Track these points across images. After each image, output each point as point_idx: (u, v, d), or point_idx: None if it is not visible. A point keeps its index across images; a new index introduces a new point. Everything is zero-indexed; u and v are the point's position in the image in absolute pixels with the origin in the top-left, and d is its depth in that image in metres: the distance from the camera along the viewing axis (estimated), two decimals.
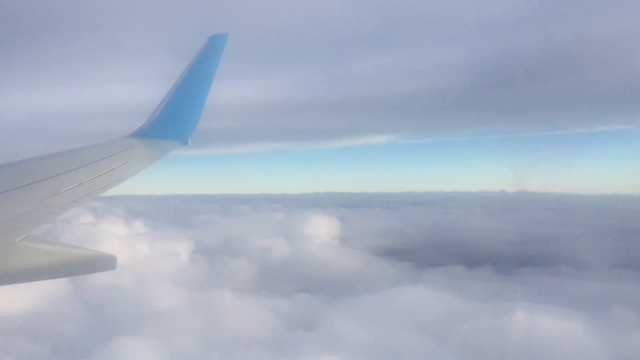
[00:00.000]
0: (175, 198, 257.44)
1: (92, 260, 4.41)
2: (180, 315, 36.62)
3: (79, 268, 4.39)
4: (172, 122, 9.13)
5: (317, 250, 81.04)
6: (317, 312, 40.30)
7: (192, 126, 9.43)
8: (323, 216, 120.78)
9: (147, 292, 43.22)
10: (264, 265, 67.68)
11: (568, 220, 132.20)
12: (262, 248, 76.87)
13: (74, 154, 7.07)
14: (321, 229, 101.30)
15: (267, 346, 30.56)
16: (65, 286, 44.32)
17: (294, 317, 39.11)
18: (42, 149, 6.59)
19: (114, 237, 68.34)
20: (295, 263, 70.18)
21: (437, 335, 32.23)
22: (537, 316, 34.06)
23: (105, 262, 4.41)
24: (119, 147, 7.70)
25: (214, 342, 31.73)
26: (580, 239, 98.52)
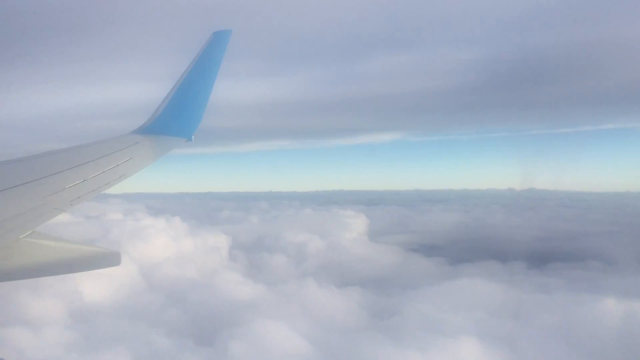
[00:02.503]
0: (186, 196, 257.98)
1: (96, 256, 4.45)
2: (274, 305, 38.11)
3: (83, 264, 4.39)
4: (176, 119, 9.08)
5: (352, 246, 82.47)
6: (387, 303, 41.75)
7: (196, 123, 9.39)
8: (348, 213, 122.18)
9: (224, 284, 44.72)
10: (306, 259, 69.17)
11: (585, 217, 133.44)
12: (299, 243, 78.31)
13: (78, 150, 7.01)
14: (349, 226, 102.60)
15: (379, 331, 31.98)
16: (135, 278, 45.90)
17: (372, 307, 40.50)
18: (47, 147, 6.69)
19: (161, 233, 69.73)
20: (334, 258, 71.60)
21: (526, 323, 33.54)
22: (609, 307, 35.35)
23: (109, 259, 4.47)
24: (122, 144, 7.58)
25: (326, 327, 33.21)
26: (603, 235, 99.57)
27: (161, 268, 50.07)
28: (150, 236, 65.87)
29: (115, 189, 6.17)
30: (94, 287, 40.30)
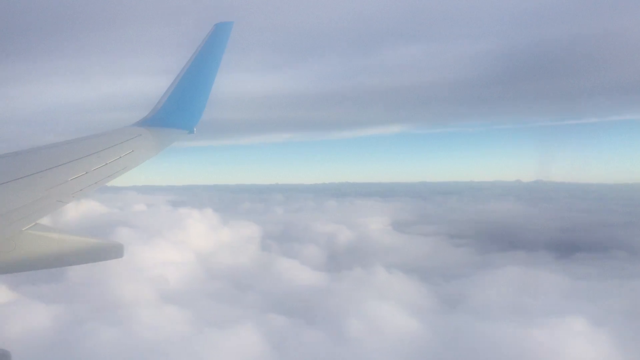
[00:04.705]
0: (197, 188, 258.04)
1: (99, 248, 4.47)
2: (353, 290, 39.37)
3: (86, 256, 4.41)
4: (178, 111, 9.07)
5: (381, 236, 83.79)
6: (446, 289, 43.02)
7: (198, 115, 9.36)
8: (369, 204, 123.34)
9: (286, 270, 45.93)
10: (341, 249, 70.44)
11: (601, 208, 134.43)
12: (330, 234, 79.60)
13: (80, 143, 6.99)
14: (373, 217, 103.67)
15: (467, 313, 33.17)
16: (199, 266, 47.08)
17: (435, 293, 41.67)
18: (50, 141, 6.83)
19: (199, 223, 70.96)
20: (369, 248, 72.70)
21: (606, 307, 34.37)
22: None
23: (112, 251, 4.48)
24: (125, 136, 7.56)
25: (419, 310, 34.46)
26: (622, 225, 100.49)
27: (218, 256, 51.34)
28: (191, 226, 67.14)
29: (124, 181, 6.26)
30: (168, 274, 41.58)
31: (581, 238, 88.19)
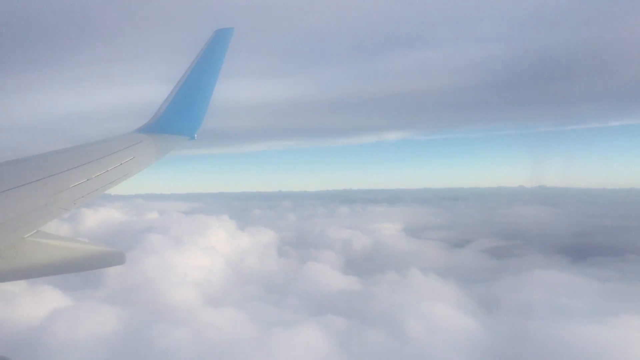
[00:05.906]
0: (201, 196, 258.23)
1: (101, 255, 4.52)
2: (394, 292, 39.85)
3: (88, 263, 4.44)
4: (179, 117, 9.10)
5: (397, 242, 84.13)
6: (479, 293, 43.47)
7: (199, 121, 9.41)
8: (380, 210, 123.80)
9: (318, 274, 46.33)
10: (362, 255, 70.98)
11: (606, 212, 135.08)
12: (347, 239, 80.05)
13: (82, 149, 6.98)
14: (386, 223, 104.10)
15: (511, 312, 33.58)
16: (229, 270, 47.51)
17: (467, 295, 42.12)
18: (52, 149, 6.84)
19: (220, 230, 71.42)
20: (387, 252, 73.08)
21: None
22: None
23: (114, 258, 4.54)
24: (126, 143, 7.59)
25: (468, 311, 34.97)
26: (630, 229, 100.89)
27: (247, 261, 51.78)
28: (212, 233, 67.59)
29: (129, 189, 6.82)
30: (207, 278, 42.03)
31: (594, 242, 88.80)
